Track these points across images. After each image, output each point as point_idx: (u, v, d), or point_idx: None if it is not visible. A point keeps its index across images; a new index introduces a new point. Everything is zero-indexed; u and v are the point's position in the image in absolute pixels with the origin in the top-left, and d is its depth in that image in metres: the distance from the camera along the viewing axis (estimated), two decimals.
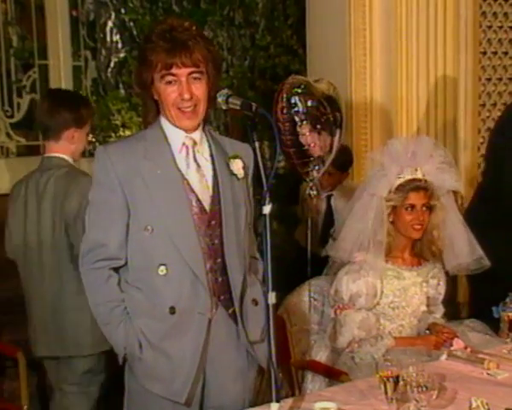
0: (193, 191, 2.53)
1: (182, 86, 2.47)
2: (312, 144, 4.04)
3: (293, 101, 4.01)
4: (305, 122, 4.01)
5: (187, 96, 2.47)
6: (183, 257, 2.48)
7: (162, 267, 2.48)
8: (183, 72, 2.47)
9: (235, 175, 2.59)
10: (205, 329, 2.52)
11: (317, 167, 4.12)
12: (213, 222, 2.55)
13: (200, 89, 2.50)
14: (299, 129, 4.02)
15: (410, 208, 3.40)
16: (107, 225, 2.52)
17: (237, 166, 2.60)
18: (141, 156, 2.50)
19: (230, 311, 2.58)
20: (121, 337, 2.52)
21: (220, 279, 2.55)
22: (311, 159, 4.07)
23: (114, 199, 2.50)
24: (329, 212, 5.11)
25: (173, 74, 2.47)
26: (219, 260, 2.55)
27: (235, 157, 2.61)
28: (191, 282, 2.49)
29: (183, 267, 2.49)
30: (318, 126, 4.05)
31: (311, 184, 4.18)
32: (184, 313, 2.50)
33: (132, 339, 2.51)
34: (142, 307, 2.52)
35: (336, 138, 4.14)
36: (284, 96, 4.01)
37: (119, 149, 2.57)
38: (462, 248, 3.49)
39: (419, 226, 3.40)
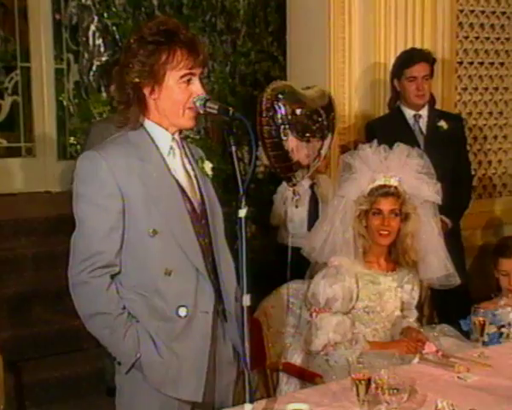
0: (184, 192, 2.54)
1: (197, 85, 2.48)
2: (298, 155, 3.98)
3: (278, 109, 3.90)
4: (290, 132, 3.95)
5: (204, 94, 2.49)
6: (188, 257, 2.49)
7: (168, 270, 2.46)
8: (199, 71, 2.50)
9: (208, 175, 2.63)
10: (210, 327, 2.54)
11: (301, 173, 4.08)
12: (203, 221, 2.58)
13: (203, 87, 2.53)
14: (284, 139, 3.94)
15: (377, 213, 3.43)
16: (105, 232, 2.44)
17: (208, 166, 2.64)
18: (135, 159, 2.47)
19: (220, 308, 2.61)
20: (131, 344, 2.45)
21: (213, 277, 2.58)
22: (295, 168, 4.02)
23: (114, 206, 2.44)
24: (315, 201, 5.08)
25: (193, 74, 2.48)
26: (211, 258, 2.58)
27: (202, 158, 2.65)
28: (197, 281, 2.51)
29: (189, 267, 2.49)
30: (307, 134, 4.02)
31: (293, 188, 4.16)
32: (192, 313, 2.50)
33: (146, 343, 2.46)
34: (147, 312, 2.48)
35: (327, 142, 4.12)
36: (265, 100, 3.92)
37: (114, 152, 2.48)
38: (433, 262, 3.52)
39: (385, 232, 3.42)
